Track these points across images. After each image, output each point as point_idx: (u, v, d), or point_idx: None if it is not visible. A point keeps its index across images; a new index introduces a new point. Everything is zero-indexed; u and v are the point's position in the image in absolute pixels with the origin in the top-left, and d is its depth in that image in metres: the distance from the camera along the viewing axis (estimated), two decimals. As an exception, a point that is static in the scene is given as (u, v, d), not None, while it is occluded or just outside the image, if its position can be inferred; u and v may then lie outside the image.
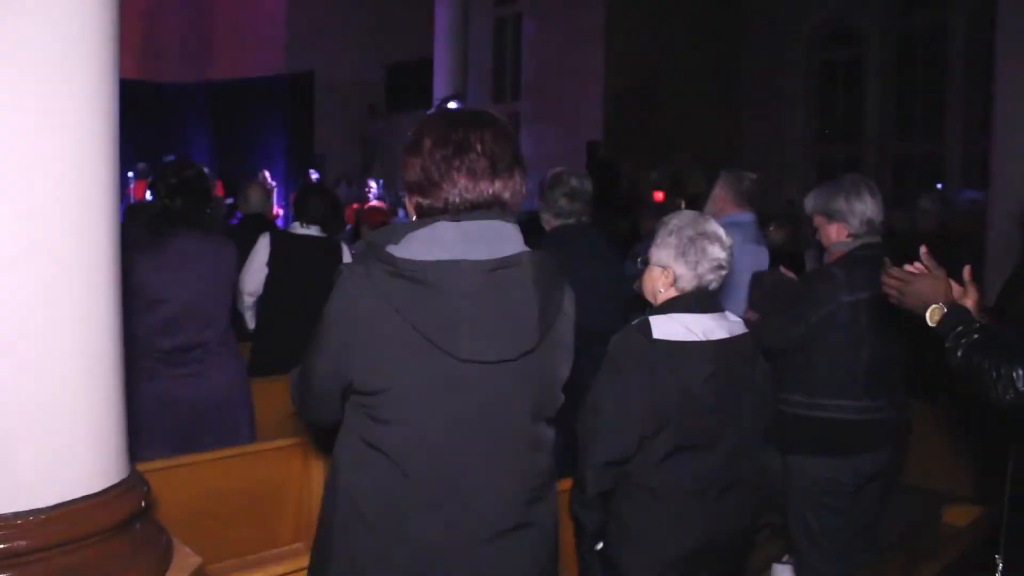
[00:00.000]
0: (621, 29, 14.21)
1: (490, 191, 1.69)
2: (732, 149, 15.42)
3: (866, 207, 3.02)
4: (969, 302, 2.08)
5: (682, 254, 2.30)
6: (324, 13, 15.39)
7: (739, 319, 2.41)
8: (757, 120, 16.40)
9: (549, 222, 3.75)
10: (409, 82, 14.57)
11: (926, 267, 2.13)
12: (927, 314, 2.06)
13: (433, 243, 1.63)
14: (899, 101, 15.81)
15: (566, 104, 14.52)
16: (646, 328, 2.24)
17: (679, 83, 14.74)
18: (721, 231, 2.34)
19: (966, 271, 2.13)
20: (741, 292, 3.85)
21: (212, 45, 17.53)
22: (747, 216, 4.15)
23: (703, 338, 2.24)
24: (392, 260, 1.62)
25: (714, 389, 2.25)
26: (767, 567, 3.48)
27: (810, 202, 3.19)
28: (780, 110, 16.39)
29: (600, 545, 2.36)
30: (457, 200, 1.68)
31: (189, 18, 17.20)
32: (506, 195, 1.72)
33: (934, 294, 2.07)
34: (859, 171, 12.48)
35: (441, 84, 13.46)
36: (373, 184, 11.90)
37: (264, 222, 5.61)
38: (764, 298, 3.70)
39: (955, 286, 2.11)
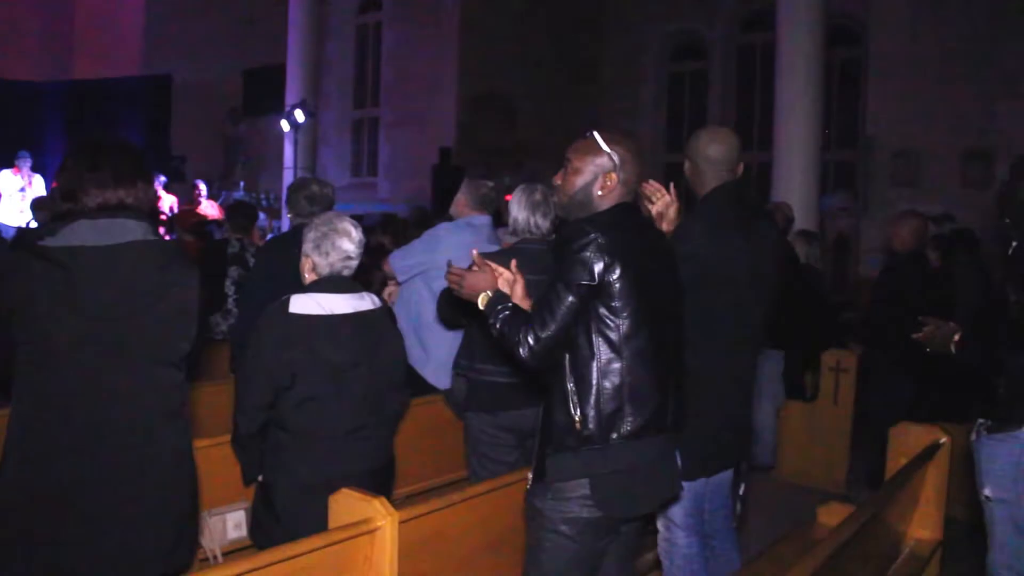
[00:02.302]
0: (475, 38, 14.62)
1: (115, 198, 2.34)
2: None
3: (520, 215, 3.74)
4: (518, 288, 2.57)
5: (317, 247, 2.93)
6: (183, 17, 15.58)
7: (375, 298, 3.05)
8: (613, 128, 17.13)
9: (292, 221, 4.37)
10: (266, 87, 14.93)
11: (478, 264, 2.59)
12: (479, 300, 2.53)
13: (73, 234, 2.27)
14: (738, 113, 16.88)
15: (422, 111, 14.95)
16: (286, 304, 2.86)
17: (536, 92, 15.27)
18: (352, 228, 2.96)
19: (512, 264, 2.64)
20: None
21: (71, 45, 17.53)
22: (483, 219, 4.79)
23: (329, 312, 2.87)
24: (35, 247, 2.25)
25: (336, 352, 2.87)
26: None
27: None
28: (634, 119, 17.25)
29: (261, 477, 2.97)
30: (91, 204, 2.33)
31: (48, 17, 17.14)
32: (129, 200, 2.38)
33: (484, 285, 2.54)
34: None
35: (294, 89, 13.86)
36: (202, 185, 12.10)
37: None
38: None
39: (506, 272, 2.60)
